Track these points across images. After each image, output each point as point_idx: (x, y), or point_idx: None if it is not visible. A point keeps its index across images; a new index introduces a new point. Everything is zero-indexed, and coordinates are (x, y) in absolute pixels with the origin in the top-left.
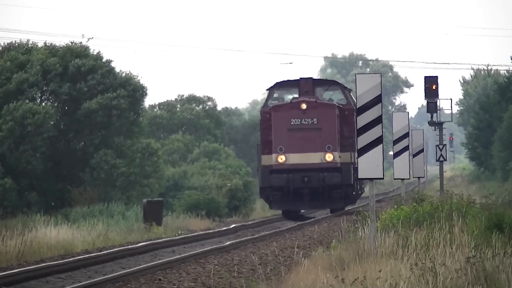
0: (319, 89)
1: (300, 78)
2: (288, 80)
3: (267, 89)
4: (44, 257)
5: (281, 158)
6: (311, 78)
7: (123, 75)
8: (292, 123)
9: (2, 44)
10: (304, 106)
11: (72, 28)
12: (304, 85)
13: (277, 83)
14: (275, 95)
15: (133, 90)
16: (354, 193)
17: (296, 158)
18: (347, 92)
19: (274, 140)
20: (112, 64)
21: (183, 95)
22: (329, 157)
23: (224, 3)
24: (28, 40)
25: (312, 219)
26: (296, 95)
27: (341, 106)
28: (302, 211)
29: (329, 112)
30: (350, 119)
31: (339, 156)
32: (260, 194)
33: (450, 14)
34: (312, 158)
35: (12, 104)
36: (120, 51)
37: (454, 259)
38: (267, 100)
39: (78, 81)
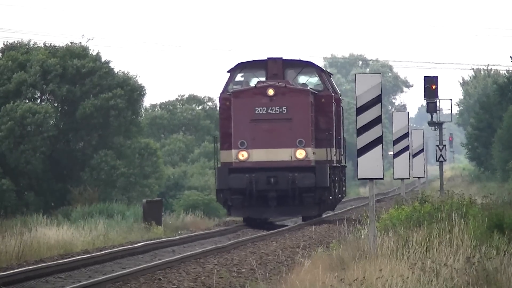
0: (291, 72)
1: (268, 58)
2: (253, 60)
3: (228, 71)
4: (44, 257)
5: (243, 155)
6: (280, 58)
7: (121, 75)
8: (256, 112)
9: (3, 44)
10: (271, 91)
11: (73, 28)
12: (272, 67)
13: (239, 63)
14: (237, 78)
15: (130, 90)
16: (331, 197)
17: (261, 155)
18: (324, 76)
19: (234, 133)
20: (112, 64)
21: (183, 95)
22: (300, 153)
23: (225, 3)
24: (29, 40)
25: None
26: (263, 79)
27: (317, 92)
28: (270, 219)
29: (302, 99)
30: (328, 108)
31: (313, 153)
32: (217, 197)
33: (450, 14)
34: (280, 155)
35: (9, 105)
36: (120, 51)
37: (454, 259)
38: (227, 84)
39: (77, 82)
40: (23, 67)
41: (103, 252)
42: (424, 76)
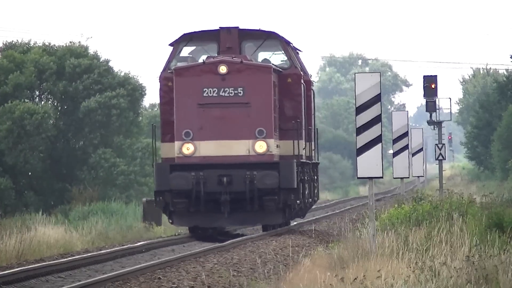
0: (250, 45)
1: (220, 28)
2: (202, 30)
3: (170, 44)
4: (44, 256)
5: (188, 148)
6: (236, 27)
7: (122, 74)
8: (204, 94)
9: (2, 43)
10: (223, 68)
11: (73, 28)
12: (226, 38)
13: (185, 34)
14: (183, 53)
15: (132, 89)
16: (298, 201)
17: (211, 148)
18: (291, 51)
19: (178, 121)
20: (111, 63)
21: None
22: (260, 146)
23: (224, 0)
24: (30, 40)
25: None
26: (215, 54)
27: (282, 70)
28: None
29: (262, 78)
30: (295, 91)
31: (277, 146)
32: (155, 201)
33: (450, 13)
34: (235, 148)
35: (8, 105)
36: (120, 50)
37: (454, 258)
38: (169, 60)
39: (75, 81)
40: (20, 67)
41: (103, 251)
42: (424, 75)
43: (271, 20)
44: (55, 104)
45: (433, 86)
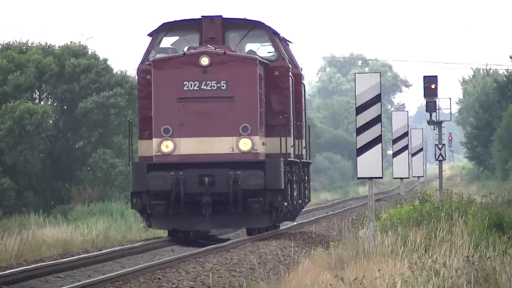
0: (234, 36)
1: (202, 16)
2: (183, 19)
3: (149, 34)
4: (44, 256)
5: (167, 146)
6: (220, 16)
7: (119, 73)
8: (185, 88)
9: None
10: (205, 60)
11: (71, 27)
12: (209, 28)
13: (165, 23)
14: (163, 44)
15: (130, 87)
16: (286, 203)
17: (192, 146)
18: (278, 41)
19: (156, 117)
20: (109, 63)
21: None
22: (245, 144)
23: (225, 0)
24: (28, 40)
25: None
26: (197, 45)
27: (268, 62)
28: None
29: (247, 70)
30: (283, 84)
31: (263, 143)
32: (131, 203)
33: (450, 13)
34: (217, 145)
35: (10, 104)
36: (119, 50)
37: (453, 258)
38: (147, 51)
39: (75, 81)
40: (19, 68)
41: (103, 251)
42: (424, 76)
43: (271, 20)
44: (55, 104)
45: (433, 86)
